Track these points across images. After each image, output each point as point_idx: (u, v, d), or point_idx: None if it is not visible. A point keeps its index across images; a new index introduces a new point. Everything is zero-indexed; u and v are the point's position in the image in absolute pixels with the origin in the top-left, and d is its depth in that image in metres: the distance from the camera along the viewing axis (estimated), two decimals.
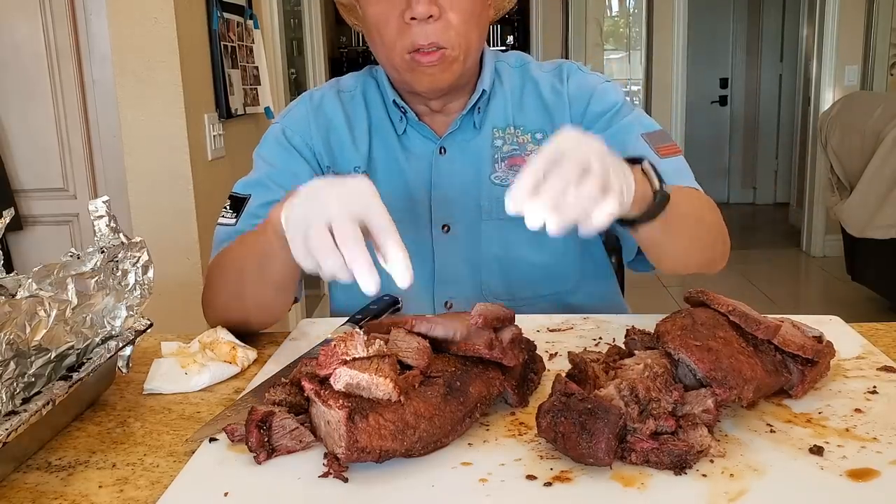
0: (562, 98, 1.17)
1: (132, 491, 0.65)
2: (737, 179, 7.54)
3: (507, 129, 1.17)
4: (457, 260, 1.16)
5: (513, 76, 1.21)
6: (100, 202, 0.84)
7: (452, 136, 1.17)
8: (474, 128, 1.17)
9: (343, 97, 1.21)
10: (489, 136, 1.17)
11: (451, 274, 1.17)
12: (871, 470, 0.62)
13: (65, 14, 2.25)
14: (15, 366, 0.68)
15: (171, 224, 2.27)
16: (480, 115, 1.17)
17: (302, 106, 1.21)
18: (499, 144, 1.17)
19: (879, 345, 0.91)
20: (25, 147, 2.32)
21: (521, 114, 1.18)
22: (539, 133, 1.17)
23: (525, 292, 1.16)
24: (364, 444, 0.62)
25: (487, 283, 1.17)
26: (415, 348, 0.70)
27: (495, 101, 1.18)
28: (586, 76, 1.20)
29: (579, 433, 0.61)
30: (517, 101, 1.19)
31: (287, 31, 3.57)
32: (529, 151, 1.16)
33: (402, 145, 1.17)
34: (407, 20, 1.03)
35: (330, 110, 1.20)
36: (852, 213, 3.86)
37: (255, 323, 1.04)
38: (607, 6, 6.09)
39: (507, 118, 1.18)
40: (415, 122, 1.16)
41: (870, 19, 5.07)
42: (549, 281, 1.18)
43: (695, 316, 0.75)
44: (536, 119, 1.18)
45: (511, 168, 1.15)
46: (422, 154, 1.17)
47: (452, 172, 1.16)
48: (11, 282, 0.82)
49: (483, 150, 1.16)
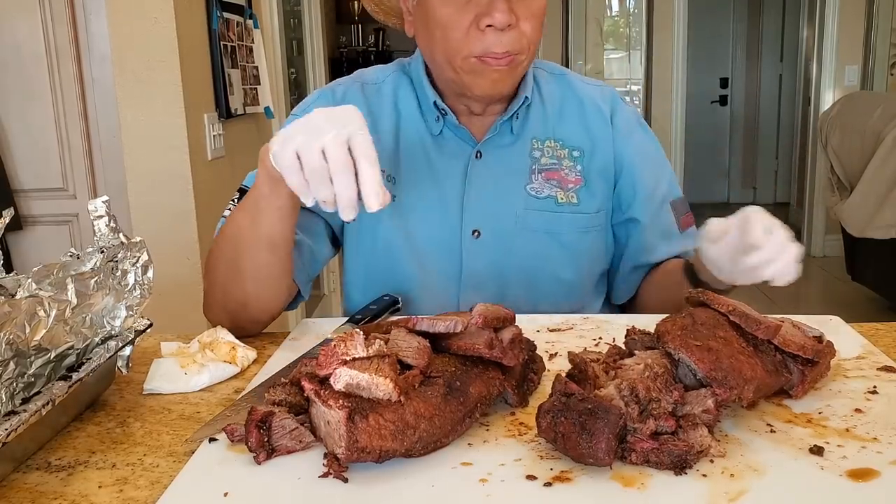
0: (606, 123, 1.17)
1: (132, 491, 0.65)
2: (737, 179, 7.54)
3: (546, 142, 1.16)
4: (484, 267, 1.14)
5: (551, 85, 1.19)
6: (99, 202, 0.84)
7: (491, 140, 1.14)
8: (512, 133, 1.15)
9: (367, 90, 1.18)
10: (527, 146, 1.15)
11: (478, 281, 1.14)
12: (871, 470, 0.62)
13: (64, 13, 2.25)
14: (15, 366, 0.68)
15: (171, 224, 2.27)
16: (519, 122, 1.15)
17: (322, 100, 1.17)
18: (537, 156, 1.15)
19: (879, 345, 0.91)
20: (25, 147, 2.32)
21: (562, 127, 1.17)
22: (576, 150, 1.16)
23: (548, 306, 1.13)
24: (364, 444, 0.62)
25: (513, 294, 1.14)
26: (415, 348, 0.70)
27: (534, 109, 1.16)
28: (628, 109, 1.21)
29: (579, 433, 0.61)
30: (558, 113, 1.17)
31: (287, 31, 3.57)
32: (565, 167, 1.15)
33: (438, 145, 1.15)
34: (482, 27, 1.01)
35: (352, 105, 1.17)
36: (852, 213, 3.87)
37: (253, 303, 1.02)
38: (607, 6, 6.10)
39: (547, 130, 1.16)
40: (453, 125, 1.14)
41: (870, 20, 5.07)
42: (572, 298, 1.17)
43: (695, 316, 0.75)
44: (576, 135, 1.17)
45: (548, 181, 1.14)
46: (458, 156, 1.15)
47: (488, 178, 1.14)
48: (11, 282, 0.82)
49: (521, 159, 1.15)
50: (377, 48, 6.57)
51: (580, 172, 1.16)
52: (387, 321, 0.82)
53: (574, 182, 1.15)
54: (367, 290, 1.14)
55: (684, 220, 1.19)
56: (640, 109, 5.98)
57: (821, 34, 5.18)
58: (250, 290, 1.01)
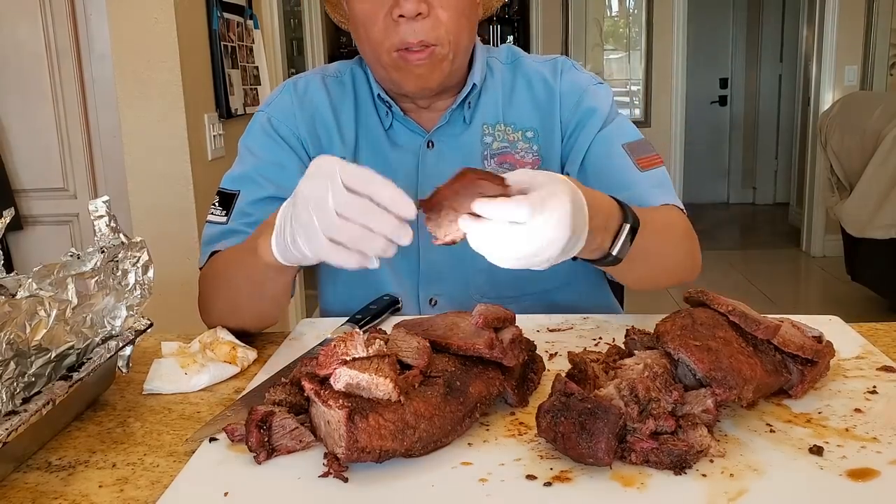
0: (553, 95, 1.16)
1: (132, 491, 0.65)
2: (737, 179, 7.54)
3: (497, 126, 1.16)
4: (443, 257, 1.14)
5: (504, 72, 1.19)
6: (100, 202, 0.84)
7: (441, 130, 1.15)
8: (464, 122, 1.16)
9: (328, 81, 1.19)
10: (479, 132, 1.16)
11: (437, 272, 1.15)
12: (870, 470, 0.62)
13: (65, 14, 2.25)
14: (15, 366, 0.68)
15: (171, 224, 2.27)
16: (471, 111, 1.15)
17: (286, 94, 1.18)
18: (488, 141, 1.15)
19: (879, 345, 0.91)
20: (25, 147, 2.32)
21: (512, 110, 1.17)
22: (530, 131, 1.16)
23: (511, 290, 1.14)
24: (364, 444, 0.62)
25: (474, 281, 1.15)
26: (415, 348, 0.70)
27: (486, 96, 1.17)
28: (580, 74, 1.19)
29: (579, 433, 0.61)
30: (508, 97, 1.17)
31: (287, 31, 3.57)
32: (520, 149, 1.15)
33: (389, 139, 1.16)
34: (395, 18, 1.01)
35: (316, 97, 1.17)
36: (852, 212, 3.87)
37: (252, 329, 1.05)
38: (607, 6, 6.09)
39: (497, 114, 1.16)
40: (400, 118, 1.15)
41: (870, 19, 5.07)
42: (536, 279, 1.11)
43: (694, 316, 0.75)
44: (527, 116, 1.16)
45: (501, 165, 1.14)
46: (409, 148, 1.15)
47: (440, 167, 1.13)
48: (11, 282, 0.82)
49: (472, 145, 1.15)
50: None
51: (537, 152, 1.15)
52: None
53: (531, 163, 1.14)
54: (339, 287, 1.15)
55: (644, 161, 1.11)
56: (639, 109, 5.98)
57: (820, 34, 5.18)
58: (249, 323, 1.03)
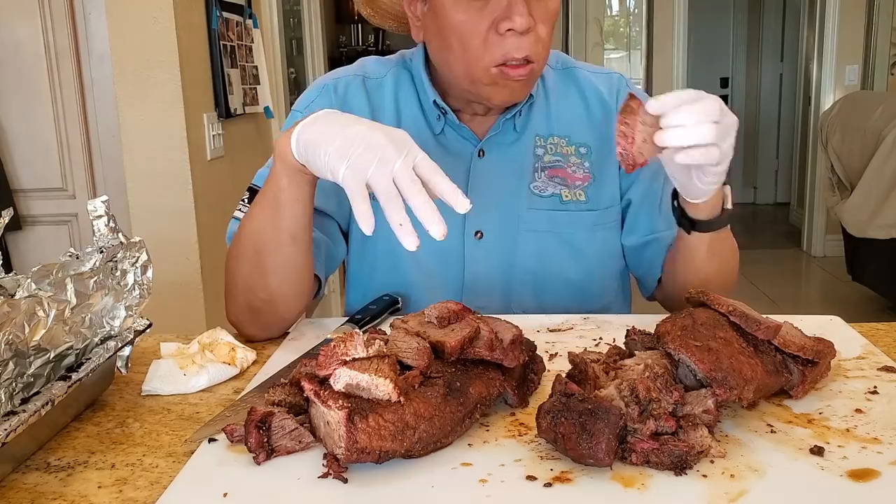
0: (610, 115, 1.13)
1: (131, 491, 0.65)
2: (737, 179, 7.53)
3: (549, 139, 1.13)
4: (488, 269, 1.12)
5: (555, 79, 1.17)
6: (99, 202, 0.83)
7: (493, 139, 1.12)
8: (514, 131, 1.12)
9: (369, 85, 1.15)
10: (530, 144, 1.13)
11: (482, 283, 1.12)
12: (871, 470, 0.62)
13: (64, 14, 2.25)
14: (14, 366, 0.68)
15: (171, 224, 2.27)
16: (522, 120, 1.12)
17: (325, 97, 1.14)
18: (540, 153, 1.13)
19: (880, 345, 0.91)
20: (25, 147, 2.32)
21: (565, 123, 1.14)
22: (583, 147, 1.14)
23: (555, 309, 1.10)
24: (364, 445, 0.62)
25: (518, 297, 1.12)
26: (415, 348, 0.70)
27: (537, 106, 1.14)
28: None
29: (579, 434, 0.61)
30: (560, 109, 1.15)
31: (287, 30, 3.57)
32: (572, 163, 1.13)
33: (439, 144, 1.12)
34: (502, 31, 0.98)
35: (354, 102, 1.13)
36: (853, 212, 3.87)
37: (280, 300, 1.00)
38: (607, 6, 6.09)
39: (549, 126, 1.14)
40: (454, 124, 1.11)
41: (870, 19, 5.07)
42: (581, 299, 1.13)
43: (695, 316, 0.75)
44: (581, 131, 1.14)
45: (552, 179, 1.12)
46: (460, 155, 1.12)
47: (491, 177, 1.11)
48: (10, 282, 0.82)
49: (524, 157, 1.13)
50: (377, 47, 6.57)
51: (588, 169, 1.13)
52: None
53: (581, 179, 1.13)
54: (368, 293, 1.13)
55: None
56: None
57: (821, 34, 5.18)
58: (275, 286, 0.99)
